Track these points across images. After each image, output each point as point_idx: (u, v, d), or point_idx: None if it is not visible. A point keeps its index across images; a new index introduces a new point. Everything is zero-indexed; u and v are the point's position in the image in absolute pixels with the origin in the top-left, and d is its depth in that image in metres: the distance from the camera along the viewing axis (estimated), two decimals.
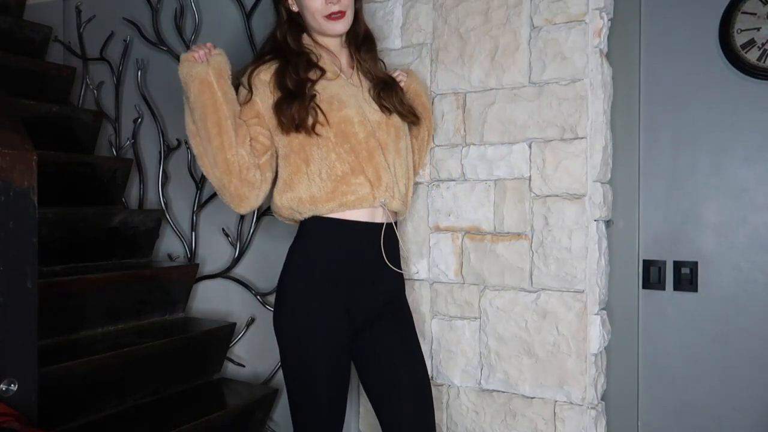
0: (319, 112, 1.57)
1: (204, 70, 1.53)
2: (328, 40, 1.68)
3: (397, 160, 1.66)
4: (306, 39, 1.68)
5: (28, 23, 2.96)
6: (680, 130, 1.90)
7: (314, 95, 1.58)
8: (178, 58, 2.61)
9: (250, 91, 1.60)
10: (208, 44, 1.60)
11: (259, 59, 1.66)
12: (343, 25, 1.63)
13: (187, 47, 2.63)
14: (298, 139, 1.58)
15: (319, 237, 1.60)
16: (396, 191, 1.63)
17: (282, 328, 1.60)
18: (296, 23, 1.67)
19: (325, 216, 1.58)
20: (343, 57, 1.72)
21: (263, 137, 1.60)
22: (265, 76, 1.61)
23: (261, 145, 1.60)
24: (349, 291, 1.59)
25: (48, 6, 3.06)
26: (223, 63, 1.58)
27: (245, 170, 1.56)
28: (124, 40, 2.81)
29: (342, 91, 1.63)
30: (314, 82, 1.60)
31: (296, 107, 1.55)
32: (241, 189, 1.57)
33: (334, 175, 1.56)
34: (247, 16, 2.50)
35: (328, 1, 1.58)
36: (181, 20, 2.67)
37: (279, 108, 1.57)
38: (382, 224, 1.62)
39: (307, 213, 1.59)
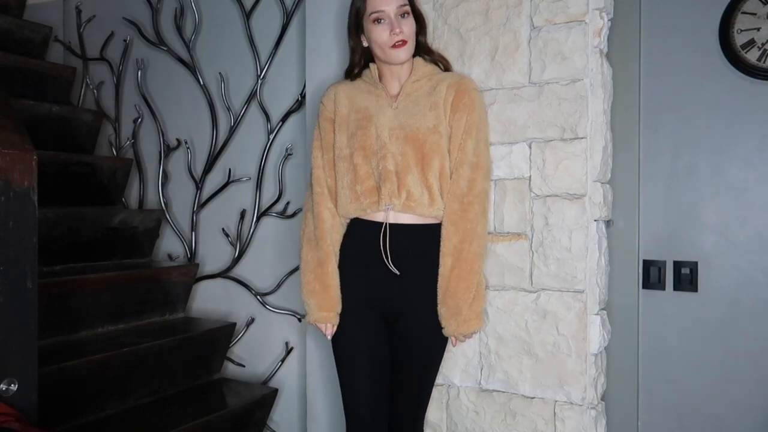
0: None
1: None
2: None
3: (411, 168, 1.68)
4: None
5: (28, 23, 2.96)
6: (680, 130, 1.90)
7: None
8: (178, 58, 2.66)
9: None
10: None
11: None
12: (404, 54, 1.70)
13: (188, 47, 2.64)
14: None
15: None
16: (401, 196, 1.68)
17: None
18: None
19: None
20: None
21: None
22: None
23: None
24: (364, 277, 1.74)
25: (48, 6, 3.06)
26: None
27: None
28: (124, 40, 2.82)
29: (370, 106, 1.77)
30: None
31: None
32: None
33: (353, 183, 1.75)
34: (247, 16, 2.51)
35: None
36: (181, 20, 2.67)
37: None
38: (382, 223, 1.70)
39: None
